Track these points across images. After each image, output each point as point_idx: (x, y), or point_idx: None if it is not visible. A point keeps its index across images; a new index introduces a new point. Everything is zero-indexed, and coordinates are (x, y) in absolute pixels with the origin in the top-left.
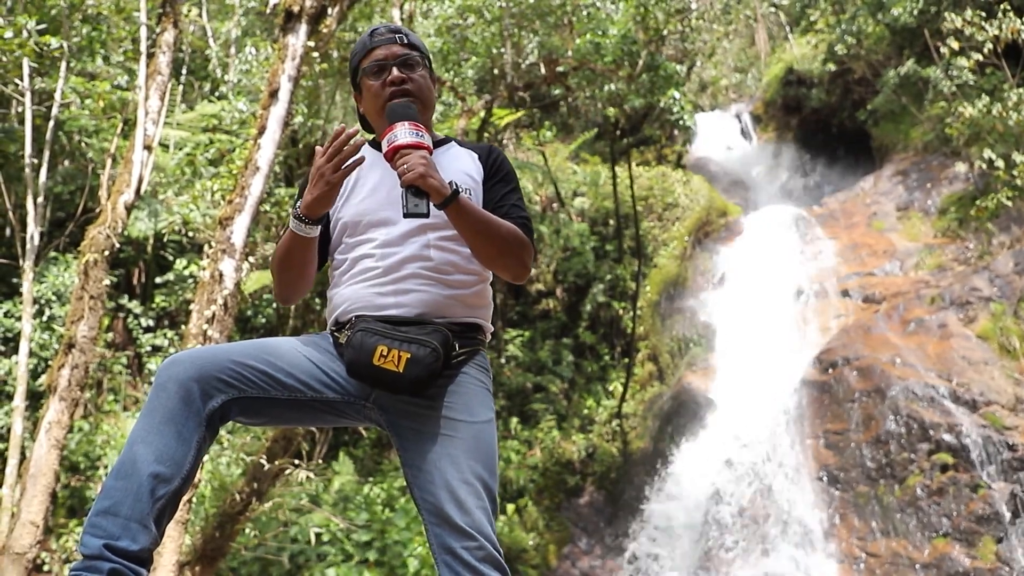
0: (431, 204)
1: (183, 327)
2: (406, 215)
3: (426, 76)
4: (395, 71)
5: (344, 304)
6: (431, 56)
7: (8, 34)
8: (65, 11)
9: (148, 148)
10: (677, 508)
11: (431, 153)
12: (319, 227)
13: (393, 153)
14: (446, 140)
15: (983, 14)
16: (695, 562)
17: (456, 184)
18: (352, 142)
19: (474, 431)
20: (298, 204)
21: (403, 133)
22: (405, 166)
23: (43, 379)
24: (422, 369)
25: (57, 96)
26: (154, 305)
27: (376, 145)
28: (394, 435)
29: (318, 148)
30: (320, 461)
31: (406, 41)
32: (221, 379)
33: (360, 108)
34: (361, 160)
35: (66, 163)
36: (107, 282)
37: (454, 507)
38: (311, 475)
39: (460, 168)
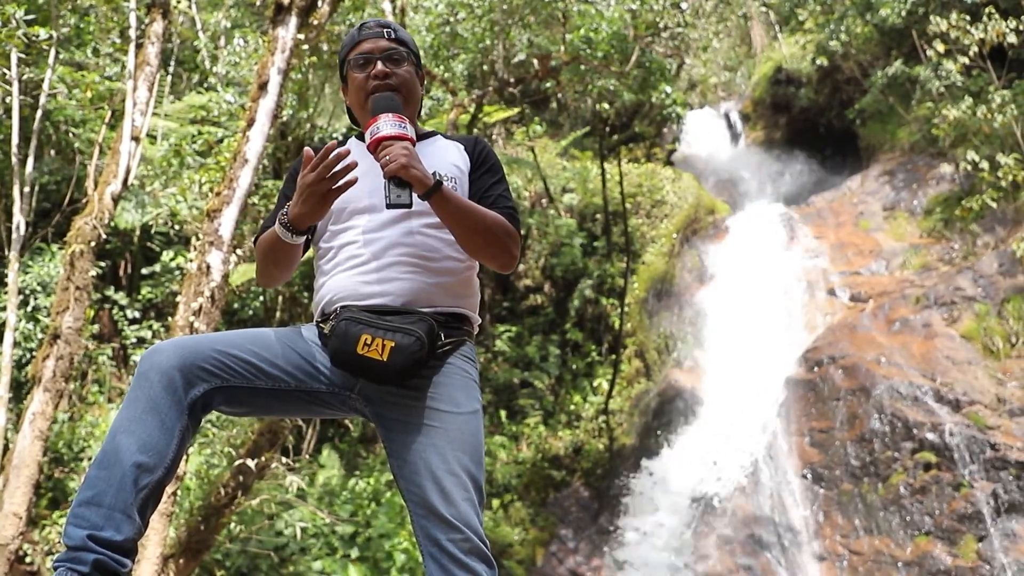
0: (414, 194)
1: (169, 319)
2: (389, 206)
3: (411, 71)
4: (380, 65)
5: (329, 295)
6: (420, 52)
7: None
8: (54, 0)
9: (136, 139)
10: (663, 504)
11: (414, 144)
12: (305, 236)
13: (376, 145)
14: (432, 134)
15: (968, 17)
16: (681, 557)
17: (440, 174)
18: (345, 163)
19: (460, 422)
20: (285, 210)
21: (386, 125)
22: (387, 157)
23: (28, 370)
24: (406, 358)
25: (45, 86)
26: (140, 297)
27: (361, 137)
28: (380, 426)
29: (307, 150)
30: (308, 456)
31: (393, 36)
32: (204, 368)
33: (347, 100)
34: (354, 181)
35: (52, 153)
36: (93, 273)
37: (440, 499)
38: (297, 480)
39: (446, 159)
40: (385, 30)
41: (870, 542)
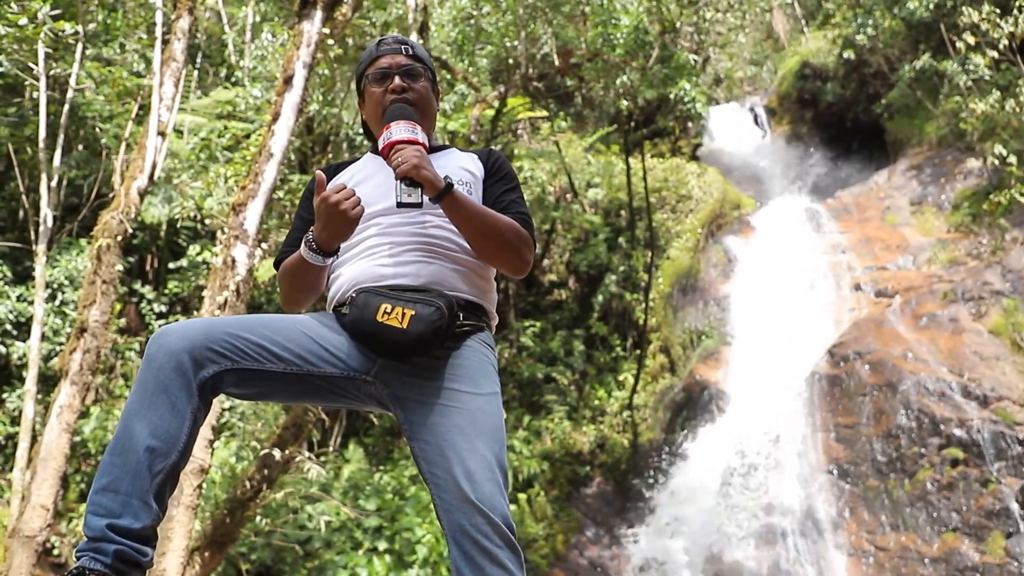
0: (425, 196)
1: (195, 313)
2: (399, 204)
3: (428, 88)
4: (397, 79)
5: (347, 282)
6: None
7: (23, 20)
8: None
9: (162, 134)
10: (687, 499)
11: (426, 150)
12: (334, 256)
13: (389, 149)
14: (446, 147)
15: (998, 10)
16: (704, 553)
17: (451, 178)
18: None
19: (479, 403)
20: (311, 237)
21: (398, 130)
22: (399, 158)
23: (55, 363)
24: (426, 326)
25: (72, 81)
26: (167, 291)
27: (377, 152)
28: (399, 410)
29: (319, 174)
30: (334, 451)
31: (411, 52)
32: (214, 349)
33: (363, 115)
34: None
35: (80, 148)
36: (120, 267)
37: (464, 480)
38: (319, 469)
39: (460, 166)
40: (403, 46)
41: (896, 538)
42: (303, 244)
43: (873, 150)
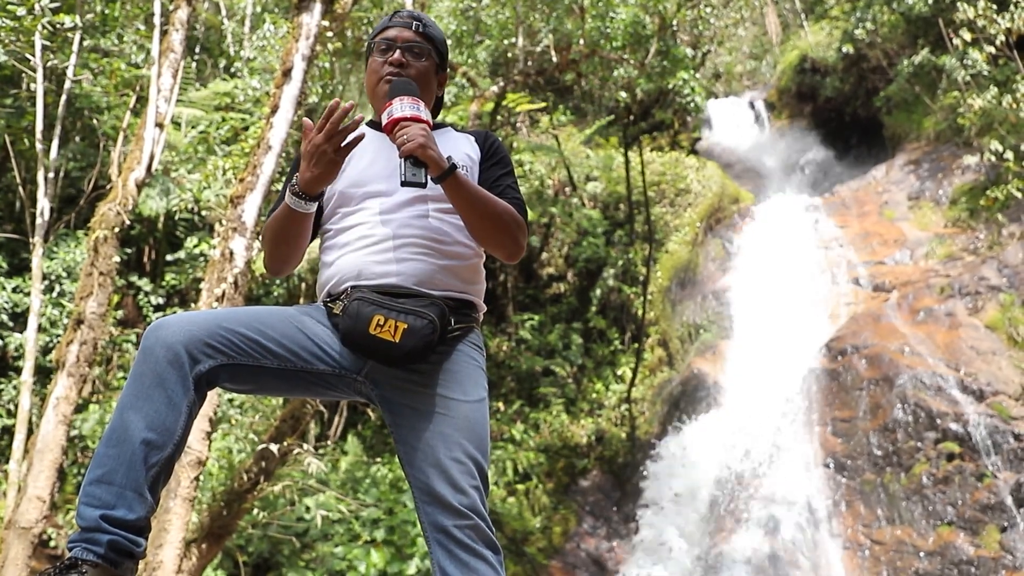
0: (429, 176)
1: (193, 305)
2: (403, 183)
3: (429, 68)
4: (397, 54)
5: (339, 275)
6: (445, 51)
7: (21, 11)
8: None
9: (160, 126)
10: (684, 492)
11: (431, 128)
12: (317, 203)
13: (393, 125)
14: (443, 125)
15: (995, 6)
16: (700, 545)
17: (453, 159)
18: (350, 116)
19: (467, 410)
20: (295, 180)
21: (402, 107)
22: (404, 136)
23: (52, 355)
24: (418, 340)
25: (69, 72)
26: (164, 283)
27: (372, 124)
28: (386, 411)
29: (306, 121)
30: (332, 444)
31: (422, 30)
32: (209, 344)
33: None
34: (362, 136)
35: (77, 140)
36: (117, 259)
37: (447, 486)
38: (317, 463)
39: (457, 148)
40: (415, 22)
41: (892, 532)
42: (288, 191)
43: (871, 145)
